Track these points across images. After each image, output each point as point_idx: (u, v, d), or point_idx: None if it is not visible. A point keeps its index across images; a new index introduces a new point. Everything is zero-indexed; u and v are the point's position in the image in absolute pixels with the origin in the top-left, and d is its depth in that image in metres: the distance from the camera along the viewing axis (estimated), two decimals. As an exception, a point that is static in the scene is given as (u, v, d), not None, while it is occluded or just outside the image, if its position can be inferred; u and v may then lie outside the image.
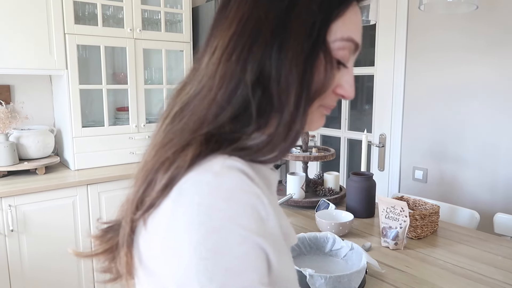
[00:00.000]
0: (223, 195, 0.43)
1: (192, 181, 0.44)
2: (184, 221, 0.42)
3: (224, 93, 0.47)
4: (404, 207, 1.32)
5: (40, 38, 2.29)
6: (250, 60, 0.47)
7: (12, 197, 2.04)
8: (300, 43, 0.47)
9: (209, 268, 0.41)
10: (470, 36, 2.13)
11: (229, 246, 0.41)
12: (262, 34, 0.46)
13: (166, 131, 0.50)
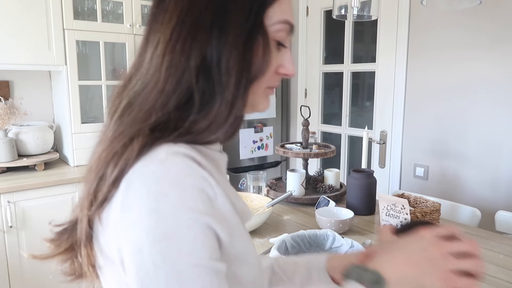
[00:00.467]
0: (169, 181, 0.44)
1: (139, 171, 0.46)
2: (135, 210, 0.44)
3: (171, 83, 0.49)
4: (405, 204, 1.31)
5: (39, 33, 2.27)
6: (193, 48, 0.48)
7: (11, 193, 2.03)
8: (238, 29, 0.49)
9: (163, 251, 0.43)
10: (472, 33, 2.11)
11: (180, 229, 0.44)
12: (203, 23, 0.48)
13: (116, 125, 0.51)
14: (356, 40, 2.82)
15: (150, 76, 0.50)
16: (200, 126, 0.49)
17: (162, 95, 0.49)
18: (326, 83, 3.07)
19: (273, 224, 1.52)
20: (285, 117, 3.22)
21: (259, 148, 3.05)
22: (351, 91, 2.87)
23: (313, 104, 3.09)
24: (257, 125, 3.01)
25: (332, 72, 3.00)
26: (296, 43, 3.16)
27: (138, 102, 0.50)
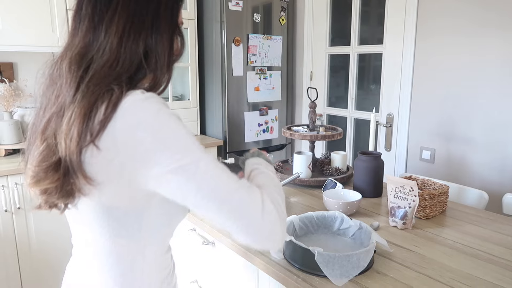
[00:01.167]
0: (156, 101, 0.69)
1: (130, 101, 0.67)
2: (140, 123, 0.66)
3: (127, 59, 0.72)
4: (413, 186, 1.30)
5: (42, 14, 2.24)
6: (141, 40, 0.73)
7: (18, 175, 2.04)
8: (167, 28, 0.76)
9: (167, 144, 0.66)
10: (482, 13, 2.07)
11: (175, 128, 0.68)
12: (145, 24, 0.74)
13: (84, 83, 0.69)
14: (363, 22, 2.77)
15: (112, 55, 0.71)
16: (149, 85, 0.75)
17: (123, 66, 0.71)
18: (332, 66, 3.03)
19: (280, 206, 1.51)
20: (290, 100, 3.19)
21: (264, 131, 3.04)
22: (357, 74, 2.84)
23: (319, 86, 3.06)
24: (262, 108, 3.00)
25: (338, 54, 2.96)
26: (302, 25, 3.11)
27: (103, 71, 0.70)
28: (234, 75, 2.80)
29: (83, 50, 0.72)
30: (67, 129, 0.66)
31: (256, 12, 2.84)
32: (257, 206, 0.69)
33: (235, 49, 2.77)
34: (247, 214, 0.68)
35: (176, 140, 0.67)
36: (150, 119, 0.66)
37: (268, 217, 0.70)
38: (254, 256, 1.13)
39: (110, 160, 0.67)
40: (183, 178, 0.66)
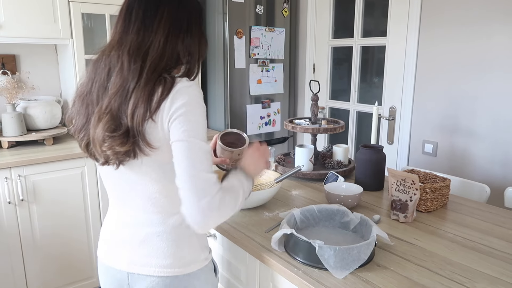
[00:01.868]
0: (197, 89, 0.93)
1: (180, 86, 0.91)
2: (191, 98, 0.91)
3: (170, 57, 0.95)
4: (415, 180, 1.30)
5: (44, 6, 2.24)
6: (179, 40, 0.96)
7: (21, 167, 2.05)
8: (197, 31, 1.00)
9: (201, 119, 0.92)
10: (486, 7, 2.05)
11: (202, 114, 0.92)
12: (182, 29, 0.97)
13: (145, 72, 0.91)
14: (366, 14, 2.75)
15: (160, 52, 0.93)
16: (187, 74, 1.00)
17: (167, 61, 0.95)
18: (335, 58, 3.02)
19: (282, 199, 1.52)
20: (292, 93, 3.18)
21: (266, 124, 3.03)
22: (360, 66, 2.83)
23: (321, 79, 3.05)
24: (265, 100, 2.99)
25: (341, 47, 2.94)
26: (304, 17, 3.09)
27: (155, 63, 0.92)
28: (236, 68, 2.79)
29: (138, 45, 0.93)
30: (134, 108, 0.89)
31: (259, 4, 2.82)
32: (208, 194, 0.87)
33: (238, 41, 2.76)
34: (197, 192, 0.87)
35: (198, 122, 0.90)
36: (192, 100, 0.90)
37: (208, 207, 0.86)
38: (255, 249, 1.14)
39: (161, 129, 0.90)
40: (185, 146, 0.89)
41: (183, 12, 0.96)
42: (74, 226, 2.27)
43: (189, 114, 0.89)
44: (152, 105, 0.88)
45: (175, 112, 0.89)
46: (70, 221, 2.25)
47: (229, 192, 0.93)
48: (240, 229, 1.26)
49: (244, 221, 1.31)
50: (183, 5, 0.97)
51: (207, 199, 0.86)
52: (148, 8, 0.94)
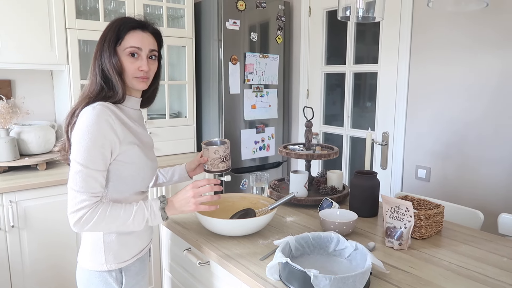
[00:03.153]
0: (95, 114, 1.11)
1: (84, 111, 1.13)
2: (79, 125, 1.12)
3: (94, 82, 1.19)
4: (409, 207, 1.31)
5: (41, 32, 2.27)
6: (97, 67, 1.19)
7: (13, 193, 2.03)
8: (106, 54, 1.17)
9: (82, 143, 1.10)
10: (475, 35, 2.11)
11: (96, 133, 1.10)
12: (97, 56, 1.19)
13: (78, 99, 1.20)
14: (358, 41, 2.81)
15: (89, 82, 1.21)
16: (112, 96, 1.18)
17: (93, 86, 1.19)
18: (328, 84, 3.07)
19: (277, 225, 1.51)
20: (286, 118, 3.21)
21: (260, 148, 3.04)
22: (353, 92, 2.87)
23: (315, 104, 3.09)
24: (259, 125, 3.01)
25: (334, 73, 3.00)
26: (298, 44, 3.16)
27: (85, 92, 1.20)
28: (231, 93, 2.82)
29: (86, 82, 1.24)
30: (64, 120, 1.19)
31: (253, 31, 2.88)
32: (72, 203, 1.10)
33: (232, 67, 2.80)
34: (68, 201, 1.11)
35: (79, 141, 1.10)
36: (82, 122, 1.11)
37: (71, 214, 1.10)
38: (249, 278, 1.13)
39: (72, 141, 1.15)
40: (71, 168, 1.12)
41: (98, 45, 1.19)
42: (65, 253, 2.22)
43: (77, 137, 1.11)
44: (71, 121, 1.15)
45: (74, 134, 1.13)
46: (62, 248, 2.21)
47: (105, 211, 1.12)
48: (234, 257, 1.24)
49: (239, 249, 1.30)
50: (98, 41, 1.20)
51: (71, 209, 1.11)
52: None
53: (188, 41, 2.82)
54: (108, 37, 1.17)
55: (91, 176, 1.11)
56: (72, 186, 1.10)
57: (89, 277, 1.23)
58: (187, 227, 1.50)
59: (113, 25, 1.19)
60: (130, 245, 1.26)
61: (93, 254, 1.22)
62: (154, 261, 2.57)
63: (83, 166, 1.10)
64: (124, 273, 1.25)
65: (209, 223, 1.36)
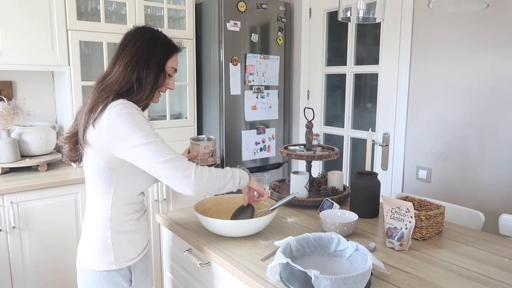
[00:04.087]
0: (127, 106, 1.16)
1: (114, 104, 1.16)
2: (117, 114, 1.14)
3: (123, 82, 1.21)
4: (409, 207, 1.31)
5: (42, 34, 2.27)
6: (135, 71, 1.22)
7: (14, 194, 2.03)
8: (155, 67, 1.25)
9: (134, 127, 1.14)
10: (476, 36, 2.11)
11: (137, 118, 1.16)
12: (140, 62, 1.23)
13: (98, 91, 1.21)
14: (359, 42, 2.82)
15: (116, 78, 1.22)
16: (135, 99, 1.23)
17: (120, 85, 1.21)
18: (328, 85, 3.07)
19: (277, 226, 1.51)
20: (287, 119, 3.21)
21: (261, 149, 3.05)
22: (353, 93, 2.87)
23: (315, 105, 3.09)
24: (260, 126, 3.01)
25: (334, 74, 3.00)
26: (299, 45, 3.16)
27: (109, 86, 1.21)
28: (231, 94, 2.82)
29: (105, 75, 1.25)
30: (82, 115, 1.21)
31: (254, 32, 2.88)
32: (179, 171, 1.15)
33: (233, 68, 2.80)
34: (170, 174, 1.16)
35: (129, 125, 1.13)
36: (119, 111, 1.14)
37: (184, 179, 1.15)
38: (250, 279, 1.13)
39: (100, 135, 1.16)
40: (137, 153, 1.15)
41: (143, 51, 1.23)
42: (66, 255, 2.23)
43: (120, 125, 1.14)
44: (93, 115, 1.16)
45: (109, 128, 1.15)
46: (62, 249, 2.21)
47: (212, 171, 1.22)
48: (235, 258, 1.24)
49: (239, 250, 1.30)
50: (144, 47, 1.24)
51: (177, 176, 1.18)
52: (119, 48, 1.26)
53: (189, 42, 2.83)
54: (162, 51, 1.26)
55: (164, 143, 1.18)
56: (160, 160, 1.14)
57: (96, 278, 1.23)
58: (188, 228, 1.50)
59: (164, 40, 1.28)
60: (136, 242, 1.28)
61: (100, 253, 1.22)
62: (155, 262, 2.57)
63: (154, 137, 1.16)
64: (133, 271, 1.27)
65: (210, 224, 1.36)
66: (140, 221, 1.31)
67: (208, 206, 1.54)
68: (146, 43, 1.24)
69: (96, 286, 1.23)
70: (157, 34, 1.28)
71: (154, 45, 1.25)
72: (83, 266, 1.26)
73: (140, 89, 1.22)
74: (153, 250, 2.55)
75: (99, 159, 1.19)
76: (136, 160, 1.15)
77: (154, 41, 1.25)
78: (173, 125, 2.83)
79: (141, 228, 1.31)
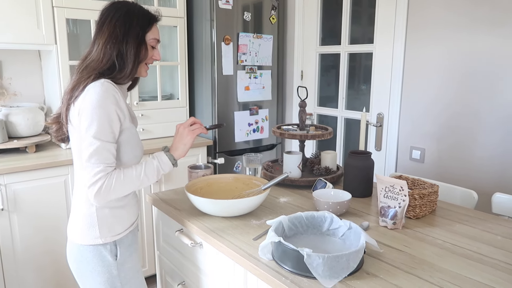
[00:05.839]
0: (104, 89, 1.16)
1: (92, 85, 1.17)
2: (89, 99, 1.15)
3: (105, 60, 1.21)
4: (403, 186, 1.29)
5: (27, 11, 2.19)
6: (115, 47, 1.21)
7: (2, 176, 1.99)
8: (134, 41, 1.23)
9: (95, 117, 1.15)
10: (471, 14, 2.07)
11: (101, 112, 1.15)
12: (119, 38, 1.21)
13: (80, 72, 1.22)
14: (353, 21, 2.76)
15: (96, 56, 1.21)
16: (118, 76, 1.23)
17: (102, 63, 1.21)
18: (322, 65, 3.02)
19: (270, 206, 1.50)
20: (280, 100, 3.17)
21: (254, 130, 3.01)
22: (348, 73, 2.83)
23: (309, 86, 3.05)
24: (253, 107, 2.97)
25: (328, 54, 2.95)
26: (292, 24, 3.10)
27: (90, 65, 1.21)
28: (224, 74, 2.77)
29: (86, 55, 1.25)
30: (64, 94, 1.23)
31: (247, 10, 2.82)
32: (91, 179, 1.15)
33: (225, 48, 2.75)
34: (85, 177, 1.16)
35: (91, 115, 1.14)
36: (92, 96, 1.15)
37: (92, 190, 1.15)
38: (242, 258, 1.11)
39: (77, 114, 1.18)
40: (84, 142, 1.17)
41: (120, 27, 1.21)
42: (58, 236, 2.20)
43: (87, 108, 1.14)
44: (74, 94, 1.18)
45: (83, 106, 1.16)
46: (53, 231, 2.19)
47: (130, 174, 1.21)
48: (227, 238, 1.23)
49: (231, 230, 1.29)
50: (121, 22, 1.22)
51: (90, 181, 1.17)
52: (97, 26, 1.25)
53: (180, 21, 2.76)
54: (140, 23, 1.23)
55: (105, 148, 1.16)
56: (87, 158, 1.15)
57: (82, 252, 1.25)
58: (179, 208, 1.48)
59: (140, 12, 1.25)
60: (123, 218, 1.29)
61: (87, 228, 1.24)
62: (148, 242, 2.56)
63: (97, 139, 1.14)
64: (119, 245, 1.28)
65: (201, 204, 1.34)
66: (128, 197, 1.31)
67: (199, 186, 1.52)
68: (123, 17, 1.22)
69: (83, 259, 1.26)
70: (133, 7, 1.26)
71: (130, 19, 1.22)
72: (71, 240, 1.29)
73: (122, 65, 1.21)
74: (145, 230, 2.54)
75: (80, 136, 1.20)
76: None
77: (130, 14, 1.23)
78: (165, 106, 2.79)
79: (129, 204, 1.32)
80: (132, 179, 1.21)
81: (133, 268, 1.34)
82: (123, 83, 1.27)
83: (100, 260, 1.25)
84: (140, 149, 1.32)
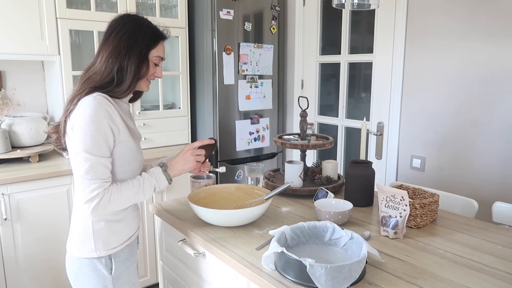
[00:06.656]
0: (96, 104, 1.15)
1: (85, 99, 1.16)
2: (81, 114, 1.14)
3: (105, 73, 1.20)
4: (404, 196, 1.31)
5: (31, 22, 2.22)
6: (116, 62, 1.20)
7: (5, 185, 2.01)
8: (136, 57, 1.22)
9: (87, 131, 1.14)
10: (470, 23, 2.10)
11: (93, 127, 1.14)
12: (122, 52, 1.20)
13: (81, 83, 1.22)
14: (353, 31, 2.79)
15: (98, 69, 1.21)
16: (115, 90, 1.22)
17: (102, 76, 1.20)
18: (322, 74, 3.05)
19: (272, 216, 1.51)
20: (281, 109, 3.20)
21: (255, 139, 3.03)
22: (348, 82, 2.86)
23: (309, 95, 3.07)
24: (254, 116, 3.00)
25: (329, 63, 2.98)
26: (292, 34, 3.13)
27: (91, 77, 1.21)
28: (225, 84, 2.80)
29: (90, 65, 1.24)
30: (65, 105, 1.22)
31: (247, 21, 2.85)
32: (88, 195, 1.14)
33: (226, 58, 2.77)
34: (81, 192, 1.15)
35: (84, 130, 1.13)
36: (84, 111, 1.14)
37: (88, 206, 1.15)
38: (245, 268, 1.12)
39: (71, 128, 1.17)
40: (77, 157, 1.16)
41: (125, 41, 1.20)
42: (59, 246, 2.21)
43: (79, 124, 1.14)
44: (69, 109, 1.19)
45: (75, 121, 1.16)
46: (55, 241, 2.20)
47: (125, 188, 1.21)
48: (230, 247, 1.24)
49: (234, 239, 1.30)
50: (127, 37, 1.21)
51: (84, 198, 1.16)
52: (103, 37, 1.24)
53: (182, 31, 2.79)
54: (145, 40, 1.22)
55: (99, 163, 1.15)
56: (82, 174, 1.14)
57: (79, 265, 1.26)
58: (182, 218, 1.49)
59: (148, 29, 1.25)
60: (119, 232, 1.28)
61: (82, 241, 1.24)
62: (149, 252, 2.57)
63: (90, 154, 1.14)
64: (114, 259, 1.27)
65: (204, 214, 1.35)
66: (127, 211, 1.30)
67: (202, 196, 1.53)
68: (129, 32, 1.21)
69: (79, 272, 1.26)
70: (141, 23, 1.24)
71: (136, 35, 1.21)
72: (69, 252, 1.30)
73: (120, 80, 1.20)
74: (147, 239, 2.54)
75: (73, 150, 1.20)
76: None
77: (137, 30, 1.22)
78: (166, 115, 2.81)
79: (127, 218, 1.31)
80: (128, 195, 1.20)
81: (129, 282, 1.32)
82: (120, 97, 1.25)
83: (95, 274, 1.25)
84: (138, 163, 1.31)
